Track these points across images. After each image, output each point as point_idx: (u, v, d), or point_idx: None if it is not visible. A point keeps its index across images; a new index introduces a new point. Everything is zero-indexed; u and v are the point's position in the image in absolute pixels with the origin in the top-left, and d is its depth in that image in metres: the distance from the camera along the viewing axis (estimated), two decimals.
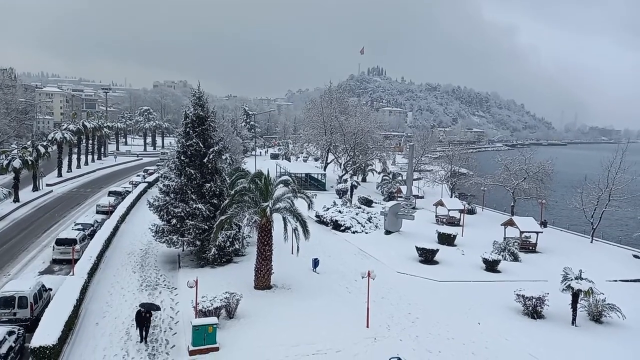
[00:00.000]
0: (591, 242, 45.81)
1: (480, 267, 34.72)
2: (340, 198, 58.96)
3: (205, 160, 31.75)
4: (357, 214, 46.38)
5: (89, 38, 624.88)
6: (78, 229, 36.73)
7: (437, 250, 36.28)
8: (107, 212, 45.42)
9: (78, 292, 24.20)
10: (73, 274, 26.79)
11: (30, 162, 54.47)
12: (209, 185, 31.80)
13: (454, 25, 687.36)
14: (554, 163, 59.61)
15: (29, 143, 69.45)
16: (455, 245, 40.95)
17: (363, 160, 75.82)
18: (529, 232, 41.68)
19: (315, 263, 31.99)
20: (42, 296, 24.05)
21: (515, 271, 34.61)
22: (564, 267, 26.75)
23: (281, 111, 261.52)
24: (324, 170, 78.51)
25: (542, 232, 42.45)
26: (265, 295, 27.18)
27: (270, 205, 27.81)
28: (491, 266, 34.30)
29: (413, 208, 55.78)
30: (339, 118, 75.38)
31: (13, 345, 19.28)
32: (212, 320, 21.01)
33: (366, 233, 43.88)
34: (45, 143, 66.47)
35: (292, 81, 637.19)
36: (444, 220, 51.63)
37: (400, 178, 74.43)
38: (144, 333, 20.95)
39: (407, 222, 45.08)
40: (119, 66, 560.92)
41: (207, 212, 31.41)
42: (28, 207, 51.47)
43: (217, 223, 27.67)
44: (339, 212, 46.25)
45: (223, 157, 33.69)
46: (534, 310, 25.82)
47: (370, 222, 45.72)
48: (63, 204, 54.40)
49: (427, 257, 35.69)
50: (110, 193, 56.22)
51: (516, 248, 38.89)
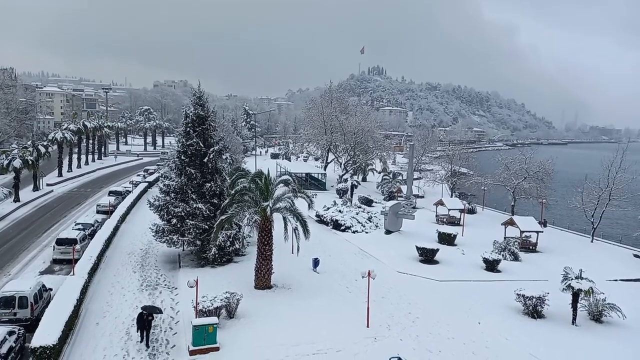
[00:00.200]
0: (591, 242, 45.80)
1: (480, 267, 34.72)
2: (340, 198, 59.00)
3: (205, 159, 31.77)
4: (358, 214, 46.39)
5: (89, 38, 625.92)
6: (78, 229, 36.77)
7: (438, 249, 36.30)
8: (108, 212, 45.47)
9: (78, 292, 24.22)
10: (73, 274, 26.80)
11: (30, 162, 54.52)
12: (209, 184, 31.82)
13: (454, 24, 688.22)
14: (555, 162, 59.58)
15: (30, 143, 69.48)
16: (455, 244, 40.96)
17: (363, 159, 75.80)
18: (529, 232, 41.66)
19: (315, 263, 32.00)
20: (43, 296, 24.07)
21: (515, 271, 34.62)
22: (564, 267, 26.76)
23: (281, 111, 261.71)
24: (324, 169, 78.51)
25: (543, 232, 42.41)
26: (265, 295, 27.20)
27: (270, 204, 27.83)
28: (491, 266, 34.31)
29: (413, 208, 55.79)
30: (339, 117, 75.34)
31: (13, 345, 19.29)
32: (213, 320, 21.03)
33: (366, 233, 43.88)
34: (45, 143, 66.51)
35: (293, 81, 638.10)
36: (444, 219, 51.61)
37: (400, 177, 74.40)
38: (145, 336, 20.87)
39: (408, 222, 45.08)
40: (119, 66, 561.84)
41: (208, 212, 31.42)
42: (28, 207, 51.52)
43: (218, 223, 27.68)
44: (339, 212, 46.26)
45: (223, 157, 33.73)
46: (534, 309, 25.82)
47: (370, 222, 45.72)
48: (63, 204, 54.45)
49: (428, 257, 35.70)
50: (110, 193, 56.26)
51: (516, 248, 38.88)
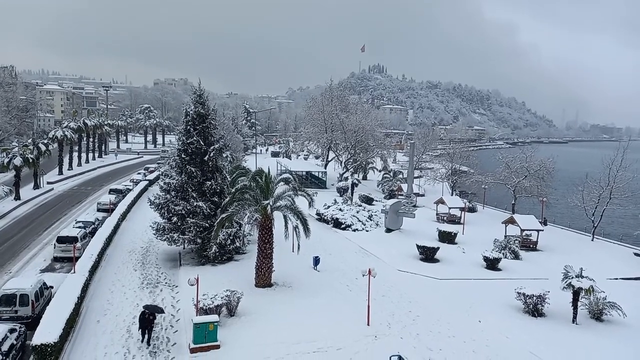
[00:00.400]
0: (592, 240, 45.79)
1: (481, 265, 34.72)
2: (341, 196, 58.98)
3: (206, 158, 31.78)
4: (358, 212, 46.39)
5: (90, 36, 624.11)
6: (79, 227, 36.83)
7: (438, 248, 36.30)
8: (108, 210, 45.53)
9: (79, 290, 24.25)
10: (74, 272, 26.79)
11: (31, 160, 54.53)
12: (210, 183, 31.83)
13: (454, 23, 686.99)
14: (555, 161, 59.55)
15: (30, 141, 69.45)
16: (456, 243, 40.97)
17: (364, 158, 75.74)
18: (530, 230, 41.63)
19: (316, 261, 32.00)
20: (44, 294, 24.10)
21: (516, 269, 34.62)
22: (565, 265, 26.74)
23: (282, 109, 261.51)
24: (325, 168, 78.53)
25: (543, 230, 42.38)
26: (266, 293, 27.22)
27: (271, 203, 27.83)
28: (492, 264, 34.31)
29: (414, 206, 55.73)
30: (340, 116, 75.24)
31: (15, 342, 19.34)
32: (213, 318, 21.05)
33: (367, 231, 43.89)
34: (46, 141, 66.48)
35: (293, 79, 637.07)
36: (445, 218, 51.61)
37: (401, 176, 74.43)
38: (147, 336, 20.80)
39: (408, 220, 45.08)
40: (120, 64, 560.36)
41: (208, 210, 31.43)
42: (29, 205, 51.57)
43: (218, 221, 27.69)
44: (340, 210, 46.26)
45: (224, 155, 33.79)
46: (535, 308, 25.83)
47: (371, 220, 45.73)
48: (64, 202, 54.48)
49: (428, 255, 35.71)
50: (111, 191, 56.28)
51: (517, 246, 38.86)
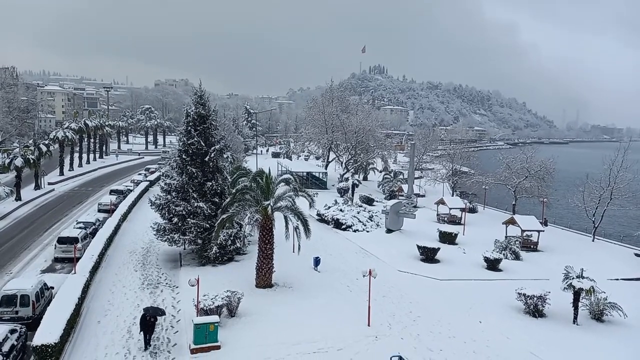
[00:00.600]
0: (593, 241, 45.77)
1: (481, 266, 34.71)
2: (341, 197, 59.00)
3: (206, 158, 31.80)
4: (359, 213, 46.38)
5: (90, 37, 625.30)
6: (80, 228, 36.80)
7: (439, 248, 36.30)
8: (109, 211, 45.54)
9: (80, 291, 24.25)
10: (75, 273, 26.82)
11: (32, 161, 54.56)
12: (211, 183, 31.85)
13: (455, 23, 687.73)
14: (556, 161, 59.53)
15: (31, 142, 69.47)
16: (456, 243, 40.96)
17: (364, 158, 75.76)
18: (531, 231, 41.62)
19: (316, 261, 32.00)
20: (44, 294, 24.09)
21: (516, 270, 34.61)
22: (566, 266, 26.74)
23: (282, 110, 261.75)
24: (325, 168, 78.49)
25: (544, 231, 42.37)
26: (266, 293, 27.23)
27: (271, 203, 27.85)
28: (492, 265, 34.30)
29: (414, 207, 55.73)
30: (341, 116, 75.26)
31: (15, 343, 19.33)
32: (214, 318, 21.06)
33: (367, 232, 43.88)
34: (47, 142, 66.54)
35: (294, 79, 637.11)
36: (445, 218, 51.60)
37: (401, 176, 74.44)
38: (148, 338, 20.67)
39: (409, 221, 45.07)
40: (121, 65, 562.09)
41: (209, 211, 31.44)
42: (30, 206, 51.60)
43: (219, 222, 27.71)
44: (340, 211, 46.26)
45: (224, 156, 33.73)
46: (535, 308, 25.83)
47: (371, 221, 45.71)
48: (65, 203, 54.52)
49: (429, 256, 35.70)
50: (111, 192, 56.25)
51: (517, 247, 38.85)
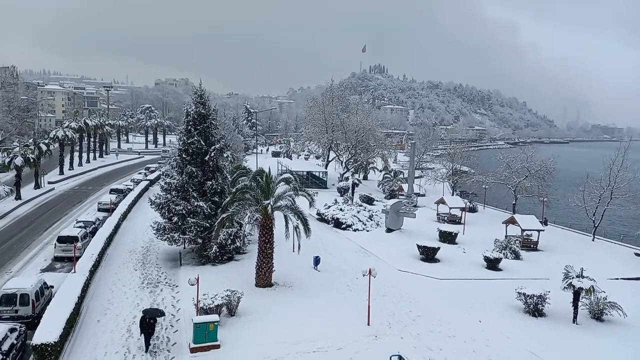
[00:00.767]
0: (593, 240, 45.75)
1: (481, 265, 34.70)
2: (341, 196, 58.99)
3: (206, 158, 31.80)
4: (359, 212, 46.36)
5: (90, 36, 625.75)
6: (80, 227, 36.85)
7: (439, 248, 36.28)
8: (109, 210, 45.56)
9: (79, 290, 24.27)
10: (75, 272, 26.82)
11: (32, 160, 54.56)
12: (211, 183, 31.85)
13: (455, 23, 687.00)
14: (556, 161, 59.56)
15: (31, 141, 69.51)
16: (456, 243, 40.95)
17: (364, 158, 75.73)
18: (531, 230, 41.61)
19: (316, 261, 32.00)
20: (44, 293, 24.11)
21: (516, 269, 34.61)
22: (566, 265, 26.73)
23: (283, 109, 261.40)
24: (326, 168, 78.51)
25: (544, 230, 42.36)
26: (266, 292, 27.22)
27: (271, 203, 27.84)
28: (492, 264, 34.29)
29: (414, 206, 55.69)
30: (341, 116, 75.22)
31: (15, 342, 19.35)
32: (214, 317, 21.06)
33: (367, 231, 43.86)
34: (47, 141, 66.51)
35: (294, 79, 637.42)
36: (446, 218, 51.59)
37: (401, 176, 74.41)
38: (148, 340, 20.51)
39: (409, 220, 45.05)
40: (121, 64, 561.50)
41: (209, 210, 31.44)
42: (30, 205, 51.62)
43: (219, 221, 27.69)
44: (340, 210, 46.25)
45: (224, 155, 33.67)
46: (535, 308, 25.82)
47: (371, 220, 45.69)
48: (65, 202, 54.54)
49: (429, 255, 35.69)
50: (111, 191, 56.33)
51: (517, 246, 38.83)
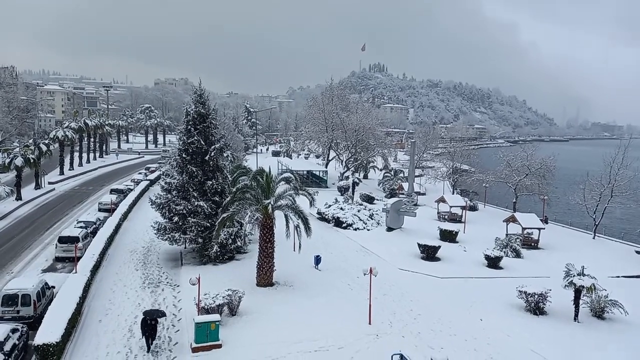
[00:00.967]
0: (593, 239, 45.75)
1: (482, 264, 34.71)
2: (341, 195, 59.00)
3: (206, 157, 31.79)
4: (359, 211, 46.39)
5: (90, 36, 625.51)
6: (80, 227, 36.85)
7: (439, 246, 36.29)
8: (110, 210, 45.56)
9: (81, 290, 24.30)
10: (76, 272, 26.86)
11: (32, 160, 54.57)
12: (211, 182, 31.84)
13: (455, 21, 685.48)
14: (556, 159, 59.51)
15: (31, 141, 69.58)
16: (457, 241, 40.97)
17: (365, 157, 75.74)
18: (531, 229, 41.63)
19: (317, 260, 32.02)
20: (45, 294, 24.12)
21: (517, 267, 34.63)
22: (566, 264, 26.75)
23: (282, 108, 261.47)
24: (326, 167, 78.55)
25: (544, 229, 42.38)
26: (267, 292, 27.23)
27: (272, 202, 27.83)
28: (493, 262, 34.31)
29: (415, 205, 55.68)
30: (340, 115, 75.22)
31: (17, 342, 19.36)
32: (215, 317, 21.06)
33: (368, 230, 43.89)
34: (47, 141, 66.55)
35: (293, 78, 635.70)
36: (446, 216, 51.62)
37: (402, 175, 74.41)
38: (150, 341, 20.43)
39: (409, 219, 45.06)
40: (120, 64, 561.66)
41: (209, 210, 31.44)
42: (30, 205, 51.62)
43: (219, 220, 27.69)
44: (341, 209, 46.27)
45: (224, 155, 33.71)
46: (536, 306, 25.83)
47: (372, 219, 45.72)
48: (65, 202, 54.54)
49: (429, 254, 35.70)
50: (112, 191, 56.33)
51: (518, 244, 38.85)
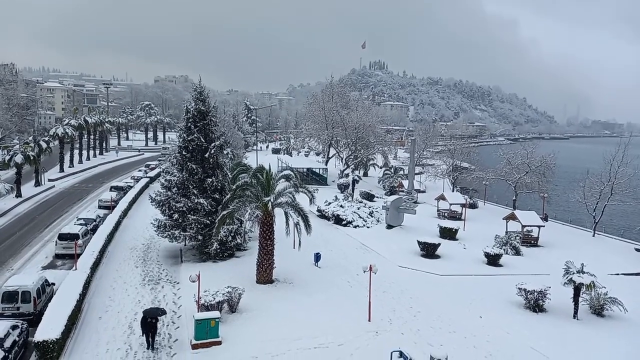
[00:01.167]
0: (593, 236, 45.78)
1: (482, 261, 34.75)
2: (341, 192, 59.00)
3: (206, 155, 31.78)
4: (359, 209, 46.38)
5: (90, 33, 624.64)
6: (80, 224, 36.85)
7: (439, 244, 36.29)
8: (109, 207, 45.57)
9: (81, 287, 24.34)
10: (76, 269, 26.89)
11: (32, 158, 54.58)
12: (211, 180, 31.84)
13: (455, 19, 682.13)
14: (556, 157, 59.53)
15: (31, 138, 69.56)
16: (457, 239, 41.00)
17: (365, 154, 75.69)
18: (531, 226, 41.66)
19: (317, 257, 32.04)
20: (45, 291, 24.17)
21: (517, 265, 34.65)
22: (566, 261, 26.77)
23: (282, 106, 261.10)
24: (326, 164, 78.50)
25: (544, 226, 42.41)
26: (267, 289, 27.26)
27: (272, 199, 27.81)
28: (493, 260, 34.34)
29: (415, 202, 55.66)
30: (341, 112, 75.16)
31: (17, 339, 19.41)
32: (215, 314, 21.11)
33: (368, 227, 43.89)
34: (46, 138, 66.54)
35: (294, 75, 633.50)
36: (446, 214, 51.64)
37: (402, 172, 74.38)
38: (151, 340, 20.39)
39: (409, 217, 45.09)
40: (120, 61, 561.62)
41: (209, 207, 31.45)
42: (30, 202, 51.62)
43: (219, 218, 27.69)
44: (341, 207, 46.26)
45: (224, 152, 33.79)
46: (536, 303, 25.87)
47: (371, 217, 45.73)
48: (65, 199, 54.55)
49: (429, 251, 35.73)
50: (112, 188, 56.37)
51: (518, 242, 38.86)
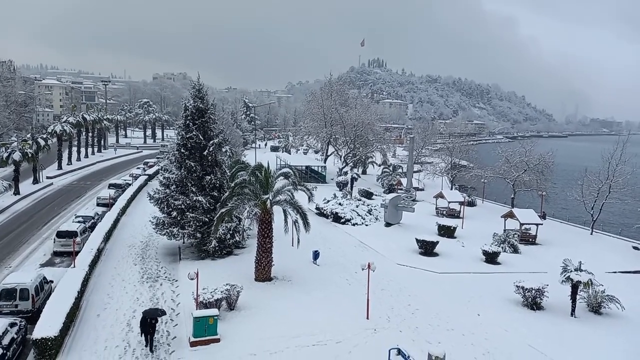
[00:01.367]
0: (591, 234, 45.85)
1: (480, 259, 34.81)
2: (340, 190, 59.04)
3: (205, 152, 31.76)
4: (358, 206, 46.41)
5: (88, 30, 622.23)
6: (79, 222, 36.81)
7: (437, 242, 36.34)
8: (108, 205, 45.53)
9: (79, 284, 24.32)
10: (74, 266, 26.89)
11: (30, 155, 54.49)
12: (209, 177, 31.83)
13: (454, 16, 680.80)
14: (555, 155, 59.51)
15: (29, 136, 69.44)
16: (455, 237, 41.02)
17: (363, 152, 75.73)
18: (529, 224, 41.71)
19: (315, 255, 32.07)
20: (44, 288, 24.17)
21: (515, 263, 34.70)
22: (564, 259, 26.79)
23: (281, 103, 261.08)
24: (324, 162, 78.50)
25: (542, 224, 42.47)
26: (265, 287, 27.29)
27: (270, 197, 27.84)
28: (491, 258, 34.39)
29: (413, 200, 55.79)
30: (339, 110, 75.18)
31: (15, 336, 19.40)
32: (213, 311, 21.15)
33: (366, 225, 43.93)
34: (45, 136, 66.45)
35: (292, 73, 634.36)
36: (444, 212, 51.68)
37: (400, 170, 74.42)
38: (150, 339, 20.25)
39: (407, 215, 45.13)
40: (118, 58, 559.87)
41: (208, 205, 31.45)
42: (28, 200, 51.56)
43: (218, 215, 27.70)
44: (339, 205, 46.29)
45: (223, 150, 33.73)
46: (534, 301, 25.92)
47: (370, 215, 45.76)
48: (63, 197, 54.49)
49: (427, 249, 35.77)
50: (110, 186, 56.32)
51: (516, 240, 38.92)
